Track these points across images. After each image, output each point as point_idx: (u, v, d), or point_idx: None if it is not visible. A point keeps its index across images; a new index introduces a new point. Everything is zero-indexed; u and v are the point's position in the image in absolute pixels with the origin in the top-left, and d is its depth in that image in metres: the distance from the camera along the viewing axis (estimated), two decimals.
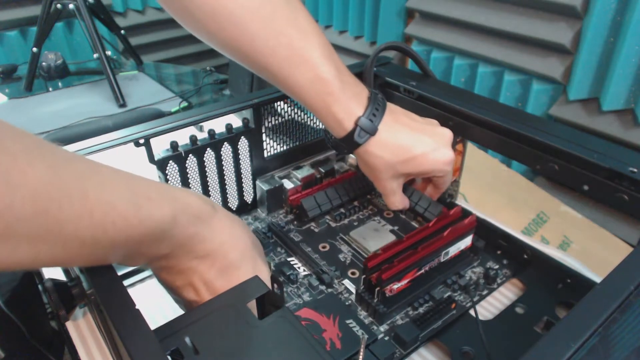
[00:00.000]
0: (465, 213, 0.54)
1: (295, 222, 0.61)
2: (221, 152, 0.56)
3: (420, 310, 0.49)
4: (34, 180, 0.25)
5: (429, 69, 0.61)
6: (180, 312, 0.39)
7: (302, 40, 0.44)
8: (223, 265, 0.39)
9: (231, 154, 0.57)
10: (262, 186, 0.60)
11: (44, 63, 1.33)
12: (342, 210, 0.62)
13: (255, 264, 0.42)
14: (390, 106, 0.49)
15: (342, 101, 0.45)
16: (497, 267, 0.54)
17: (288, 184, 0.61)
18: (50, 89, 1.33)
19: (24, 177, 0.24)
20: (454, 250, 0.52)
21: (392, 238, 0.58)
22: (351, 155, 0.68)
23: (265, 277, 0.41)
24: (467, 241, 0.53)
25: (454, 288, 0.51)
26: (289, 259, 0.55)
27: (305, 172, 0.63)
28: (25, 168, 0.24)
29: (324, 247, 0.57)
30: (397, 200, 0.52)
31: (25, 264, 0.27)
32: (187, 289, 0.39)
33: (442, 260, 0.51)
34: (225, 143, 0.56)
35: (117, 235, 0.31)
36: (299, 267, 0.54)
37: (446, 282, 0.52)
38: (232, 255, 0.40)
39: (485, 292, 0.52)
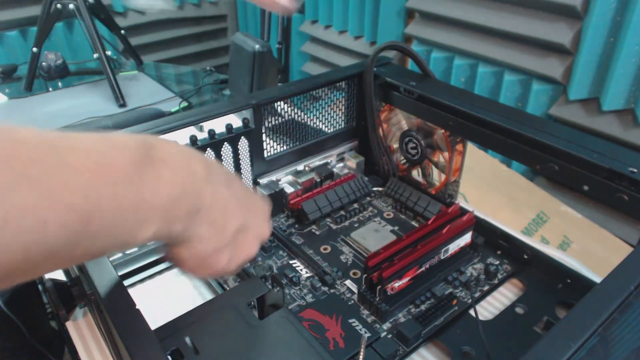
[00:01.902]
0: (464, 211, 0.54)
1: (296, 226, 0.61)
2: (221, 152, 0.56)
3: (422, 307, 0.49)
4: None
5: (429, 69, 0.61)
6: (181, 312, 0.39)
7: None
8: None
9: (231, 154, 0.57)
10: (263, 191, 0.60)
11: (44, 63, 1.32)
12: (342, 212, 0.62)
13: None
14: None
15: None
16: (497, 262, 0.55)
17: (288, 188, 0.61)
18: (50, 89, 1.33)
19: None
20: (453, 247, 0.52)
21: (392, 238, 0.58)
22: (350, 158, 0.68)
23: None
24: (466, 238, 0.53)
25: (454, 284, 0.52)
26: (291, 262, 0.55)
27: (305, 176, 0.63)
28: None
29: (325, 249, 0.57)
30: None
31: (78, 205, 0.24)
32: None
33: (442, 257, 0.52)
34: (225, 143, 0.56)
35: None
36: (301, 270, 0.54)
37: (447, 279, 0.52)
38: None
39: (486, 288, 0.52)
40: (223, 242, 0.34)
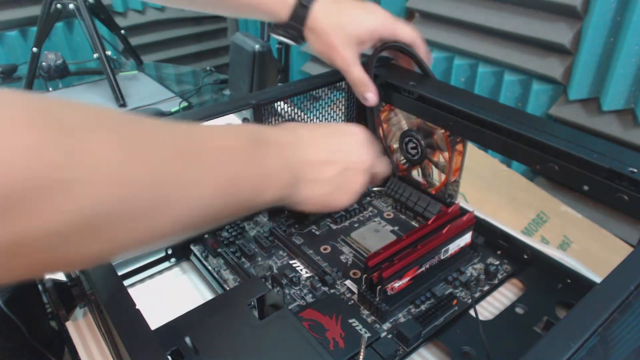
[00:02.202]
0: (464, 211, 0.54)
1: (296, 226, 0.60)
2: None
3: (422, 307, 0.49)
4: None
5: (429, 69, 0.61)
6: (181, 312, 0.39)
7: None
8: None
9: None
10: None
11: (44, 63, 1.32)
12: (342, 212, 0.62)
13: None
14: None
15: None
16: (497, 262, 0.55)
17: None
18: (50, 89, 1.33)
19: None
20: (453, 247, 0.52)
21: (392, 238, 0.58)
22: None
23: None
24: (466, 238, 0.53)
25: (455, 285, 0.52)
26: (291, 262, 0.55)
27: None
28: None
29: (325, 249, 0.57)
30: (358, 71, 0.55)
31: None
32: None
33: (442, 257, 0.52)
34: None
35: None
36: (301, 270, 0.54)
37: (447, 279, 0.52)
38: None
39: (486, 288, 0.52)
40: (327, 189, 0.42)
